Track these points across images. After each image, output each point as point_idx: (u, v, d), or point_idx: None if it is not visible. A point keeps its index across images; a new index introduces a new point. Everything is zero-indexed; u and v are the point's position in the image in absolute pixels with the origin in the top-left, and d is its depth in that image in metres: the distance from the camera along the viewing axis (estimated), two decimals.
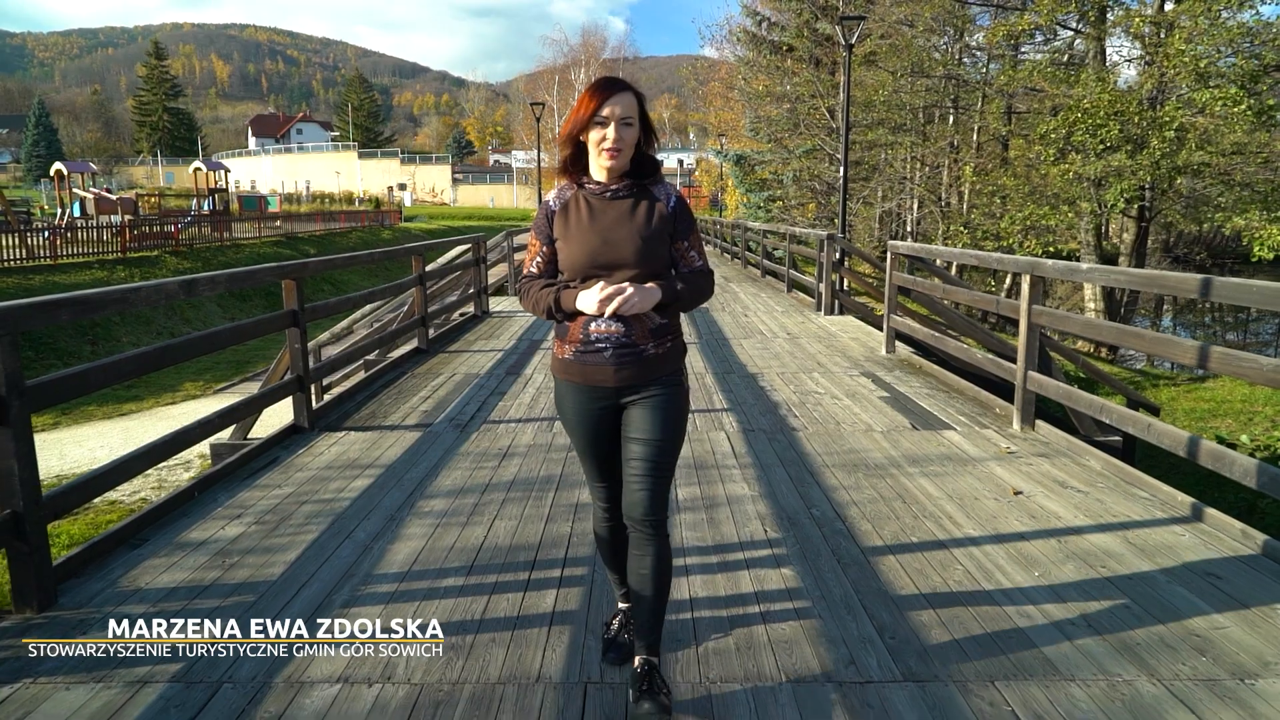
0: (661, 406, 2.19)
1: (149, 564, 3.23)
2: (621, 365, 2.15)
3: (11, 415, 2.73)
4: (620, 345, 2.14)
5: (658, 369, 2.19)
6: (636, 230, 2.14)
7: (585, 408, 2.22)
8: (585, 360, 2.17)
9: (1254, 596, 2.89)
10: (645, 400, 2.19)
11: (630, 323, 2.13)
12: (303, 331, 5.11)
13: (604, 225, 2.14)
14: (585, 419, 2.23)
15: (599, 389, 2.19)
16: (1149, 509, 3.75)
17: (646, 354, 2.17)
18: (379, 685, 2.39)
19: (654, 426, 2.17)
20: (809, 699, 2.31)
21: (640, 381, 2.18)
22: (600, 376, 2.17)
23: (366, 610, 2.82)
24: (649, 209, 2.16)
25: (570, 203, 2.19)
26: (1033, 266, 4.97)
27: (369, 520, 3.67)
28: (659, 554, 2.19)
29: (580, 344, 2.16)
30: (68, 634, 2.67)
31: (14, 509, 2.77)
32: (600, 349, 2.15)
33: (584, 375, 2.19)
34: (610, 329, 2.13)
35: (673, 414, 2.21)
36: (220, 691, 2.37)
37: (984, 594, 2.92)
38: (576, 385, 2.22)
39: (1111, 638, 2.62)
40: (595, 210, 2.16)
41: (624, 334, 2.13)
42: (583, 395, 2.21)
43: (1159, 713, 2.23)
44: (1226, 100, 10.23)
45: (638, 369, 2.16)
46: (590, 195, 2.18)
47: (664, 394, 2.20)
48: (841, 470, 4.33)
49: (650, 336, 2.17)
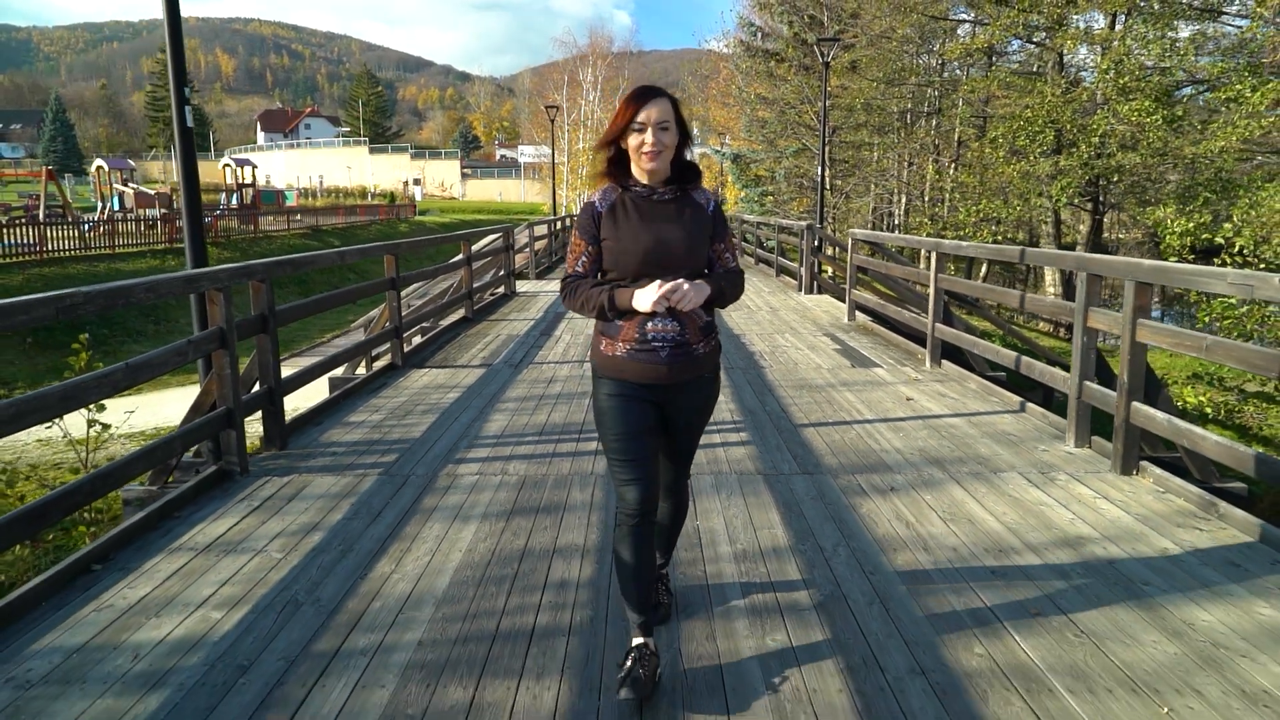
0: (705, 399, 2.40)
1: (331, 433, 5.01)
2: (675, 363, 2.25)
3: (270, 327, 4.51)
4: (676, 344, 2.24)
5: (705, 366, 2.34)
6: (685, 232, 2.24)
7: (628, 401, 2.29)
8: (639, 358, 2.25)
9: (1022, 439, 4.65)
10: (692, 394, 2.36)
11: (685, 322, 2.24)
12: (398, 294, 6.88)
13: (656, 227, 2.23)
14: (630, 414, 2.29)
15: (649, 386, 2.29)
16: (994, 407, 5.52)
17: (697, 352, 2.29)
18: (499, 475, 4.17)
19: (698, 419, 2.43)
20: (748, 482, 4.07)
21: (692, 378, 2.32)
22: (654, 375, 2.25)
23: (480, 452, 4.60)
24: (694, 212, 2.28)
25: (617, 205, 2.28)
26: (935, 245, 6.73)
27: (465, 413, 5.45)
28: (679, 504, 2.60)
29: (635, 342, 2.24)
30: (304, 459, 4.46)
31: (270, 385, 4.56)
32: (656, 348, 2.23)
33: (637, 373, 2.26)
34: (667, 328, 2.23)
35: (711, 404, 2.45)
36: (410, 480, 4.14)
37: (863, 443, 4.69)
38: (623, 382, 2.29)
39: (931, 459, 4.38)
40: (645, 212, 2.25)
41: (679, 333, 2.24)
42: (630, 391, 2.29)
43: (946, 489, 3.98)
44: (1141, 111, 12.03)
45: (689, 366, 2.28)
46: (637, 198, 2.26)
47: (710, 389, 2.41)
48: (791, 388, 6.10)
49: (701, 335, 2.29)
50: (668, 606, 2.70)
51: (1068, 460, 4.33)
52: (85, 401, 3.08)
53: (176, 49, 4.64)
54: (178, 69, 4.83)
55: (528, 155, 73.90)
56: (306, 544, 3.34)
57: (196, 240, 5.50)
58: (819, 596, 2.88)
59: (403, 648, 2.56)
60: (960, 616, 2.73)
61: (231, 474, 4.12)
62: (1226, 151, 10.84)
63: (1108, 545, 3.27)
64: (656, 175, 2.25)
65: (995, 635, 2.61)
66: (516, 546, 3.32)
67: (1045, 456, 4.40)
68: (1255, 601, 2.80)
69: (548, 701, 2.28)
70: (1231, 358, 3.39)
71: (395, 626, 2.70)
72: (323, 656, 2.52)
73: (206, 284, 3.91)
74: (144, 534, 3.44)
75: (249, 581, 3.02)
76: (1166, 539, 3.32)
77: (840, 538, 3.37)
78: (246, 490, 3.96)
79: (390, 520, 3.59)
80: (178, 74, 4.80)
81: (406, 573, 3.09)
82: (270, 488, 4.00)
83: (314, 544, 3.35)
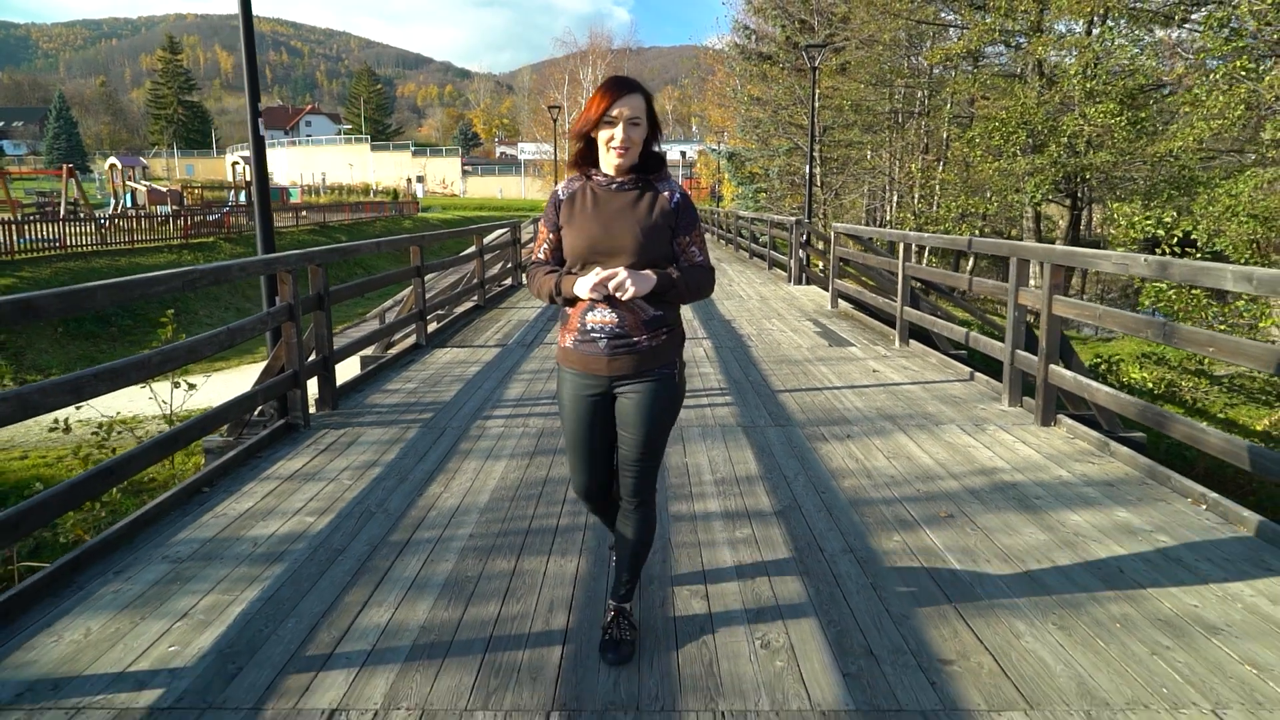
0: (652, 396, 2.31)
1: (373, 397, 5.80)
2: (615, 355, 2.25)
3: (326, 305, 5.30)
4: (614, 336, 2.24)
5: (651, 360, 2.29)
6: (637, 221, 2.22)
7: (580, 395, 2.33)
8: (582, 349, 2.28)
9: (965, 400, 5.45)
10: (636, 391, 2.30)
11: (623, 314, 2.22)
12: (422, 281, 7.67)
13: (606, 215, 2.24)
14: (579, 406, 2.34)
15: (594, 378, 2.31)
16: (948, 377, 6.32)
17: (640, 346, 2.26)
18: (520, 428, 4.97)
19: (644, 417, 2.31)
20: (730, 432, 4.87)
21: (632, 372, 2.28)
22: (595, 366, 2.28)
23: (503, 411, 5.40)
24: (652, 202, 2.26)
25: (578, 193, 2.30)
26: (902, 237, 7.53)
27: (487, 382, 6.25)
28: (644, 519, 2.44)
29: (578, 333, 2.28)
30: (354, 416, 5.25)
31: (325, 355, 5.35)
32: (595, 339, 2.25)
33: (583, 364, 2.30)
34: (605, 320, 2.23)
35: (662, 404, 2.32)
36: (446, 431, 4.94)
37: (829, 404, 5.49)
38: (575, 373, 2.33)
39: (885, 415, 5.18)
40: (600, 200, 2.26)
41: (617, 325, 2.23)
42: (579, 383, 2.33)
43: (893, 436, 4.77)
44: (1107, 113, 12.86)
45: (631, 360, 2.26)
46: (597, 187, 2.28)
47: (654, 385, 2.31)
48: (772, 363, 6.90)
49: (643, 328, 2.25)
50: (631, 644, 2.47)
51: (1000, 416, 5.14)
52: (202, 354, 3.87)
53: (251, 71, 5.42)
54: (252, 85, 5.63)
55: (528, 153, 74.57)
56: (369, 475, 4.14)
57: (266, 232, 6.30)
58: (779, 506, 3.68)
59: (458, 539, 3.37)
60: (887, 519, 3.52)
61: (296, 426, 4.91)
62: (1184, 151, 11.67)
63: (1014, 474, 4.07)
64: (622, 169, 2.25)
65: (911, 529, 3.41)
66: (539, 476, 4.12)
67: (981, 413, 5.20)
68: (1116, 509, 3.60)
69: (569, 569, 3.08)
70: (1116, 323, 4.19)
71: (450, 525, 3.50)
72: (397, 545, 3.32)
73: (280, 266, 4.71)
74: (236, 469, 4.24)
75: (329, 499, 3.82)
76: (1063, 469, 4.13)
77: (800, 469, 4.17)
78: (311, 439, 4.76)
79: (434, 459, 4.39)
80: (252, 89, 5.59)
81: (453, 492, 3.89)
82: (330, 437, 4.80)
83: (375, 475, 4.14)
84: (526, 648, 2.55)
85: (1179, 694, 2.27)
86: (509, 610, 2.78)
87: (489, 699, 2.29)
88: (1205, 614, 2.69)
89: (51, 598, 2.88)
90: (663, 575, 3.03)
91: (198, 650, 2.54)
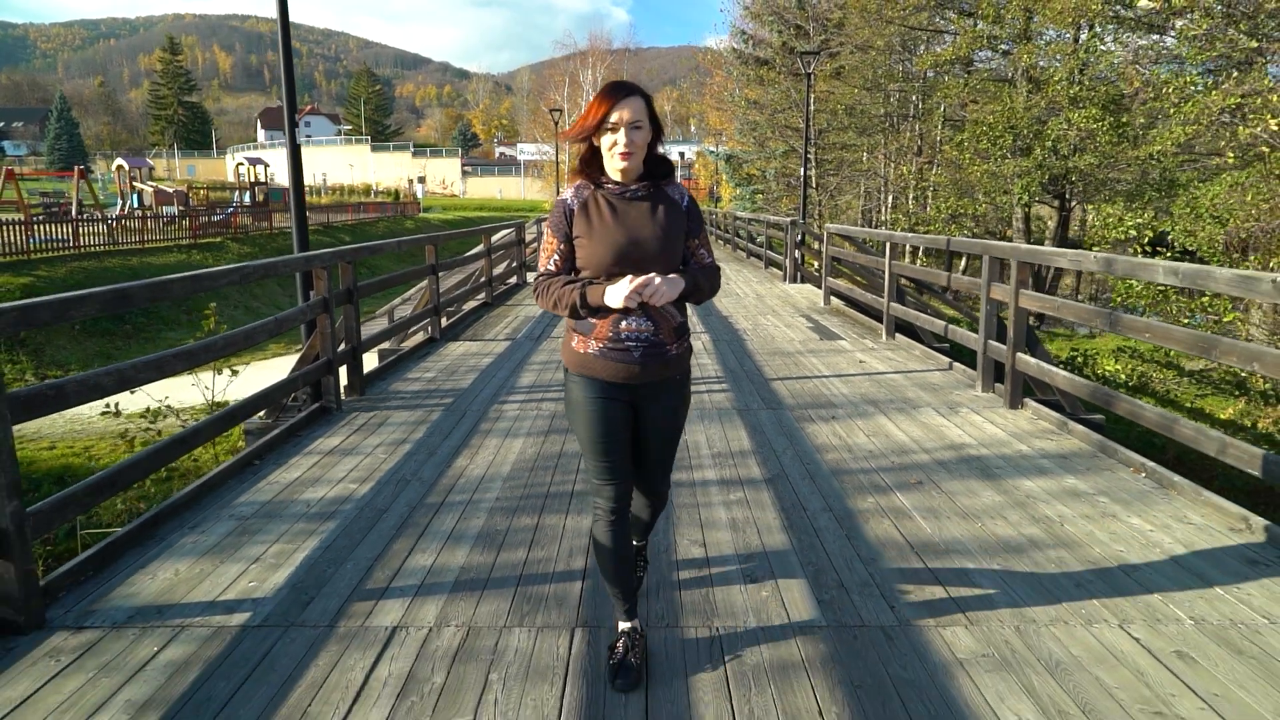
0: (679, 401, 2.40)
1: (396, 385, 6.27)
2: (648, 363, 2.25)
3: (355, 299, 5.77)
4: (650, 344, 2.24)
5: (676, 367, 2.33)
6: (660, 228, 2.22)
7: (601, 402, 2.29)
8: (612, 357, 2.24)
9: (942, 387, 5.92)
10: (663, 396, 2.35)
11: (658, 322, 2.24)
12: (437, 278, 8.14)
13: (629, 224, 2.21)
14: (601, 413, 2.29)
15: (619, 386, 2.28)
16: (929, 367, 6.80)
17: (669, 353, 2.28)
18: (535, 411, 5.44)
19: (671, 422, 2.40)
20: (725, 415, 5.34)
21: (659, 379, 2.30)
22: (625, 374, 2.25)
23: (517, 397, 5.87)
24: (668, 208, 2.27)
25: (590, 202, 2.26)
26: (889, 237, 8.01)
27: (501, 371, 6.72)
28: (661, 502, 2.64)
29: (609, 341, 2.24)
30: (380, 401, 5.72)
31: (354, 345, 5.82)
32: (629, 347, 2.23)
33: (608, 371, 2.26)
34: (641, 328, 2.22)
35: (685, 407, 2.44)
36: (467, 413, 5.41)
37: (817, 391, 5.97)
38: (594, 380, 2.29)
39: (868, 400, 5.65)
40: (618, 210, 2.23)
41: (653, 333, 2.23)
42: (599, 390, 2.29)
43: (874, 418, 5.24)
44: (1090, 118, 13.38)
45: (660, 367, 2.28)
46: (610, 195, 2.25)
47: (681, 391, 2.39)
48: (766, 354, 7.38)
49: (674, 336, 2.28)
50: (641, 579, 2.81)
51: (973, 400, 5.61)
52: (256, 340, 4.34)
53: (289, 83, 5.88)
54: (290, 97, 6.09)
55: (527, 153, 75.03)
56: (401, 450, 4.61)
57: (302, 230, 6.78)
58: (768, 475, 4.15)
59: (486, 501, 3.84)
60: (864, 485, 4.00)
61: (329, 410, 5.38)
62: (1164, 154, 12.17)
63: (980, 449, 4.55)
64: (629, 173, 2.24)
65: (884, 493, 3.88)
66: (554, 451, 4.59)
67: (956, 398, 5.68)
68: (1067, 477, 4.08)
69: (585, 525, 3.55)
70: (1072, 314, 4.67)
71: (479, 490, 3.97)
72: (433, 506, 3.79)
73: (317, 263, 5.18)
74: (280, 445, 4.71)
75: (368, 469, 4.28)
76: (1024, 445, 4.60)
77: (789, 444, 4.64)
78: (343, 421, 5.23)
79: (459, 437, 4.86)
80: (289, 100, 6.05)
81: (478, 464, 4.36)
82: (361, 419, 5.27)
83: (406, 450, 4.61)
84: (552, 582, 3.02)
85: (1094, 614, 2.75)
86: (535, 555, 3.25)
87: (524, 619, 2.76)
88: (1128, 556, 3.17)
89: (138, 548, 3.34)
90: (666, 529, 3.50)
91: (273, 585, 3.01)
